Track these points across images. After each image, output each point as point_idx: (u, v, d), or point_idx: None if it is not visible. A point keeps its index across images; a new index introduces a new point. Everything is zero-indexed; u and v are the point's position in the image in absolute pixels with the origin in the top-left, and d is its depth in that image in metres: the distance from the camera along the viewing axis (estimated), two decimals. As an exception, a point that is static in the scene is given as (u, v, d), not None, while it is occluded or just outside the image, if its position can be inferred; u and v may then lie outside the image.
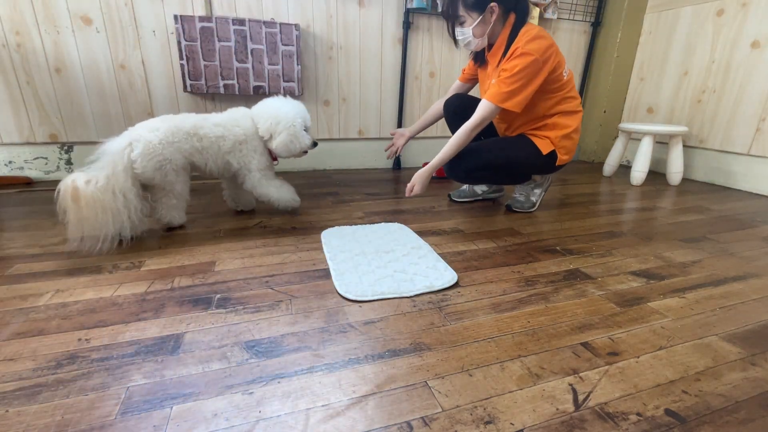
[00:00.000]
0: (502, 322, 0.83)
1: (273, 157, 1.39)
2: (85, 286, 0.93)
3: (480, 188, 1.71)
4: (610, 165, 2.24)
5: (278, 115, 1.27)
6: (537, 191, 1.59)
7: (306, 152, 1.38)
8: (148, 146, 1.12)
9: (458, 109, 1.51)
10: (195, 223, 1.35)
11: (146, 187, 1.21)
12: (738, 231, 1.41)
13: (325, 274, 1.01)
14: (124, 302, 0.86)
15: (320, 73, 2.09)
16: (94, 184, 1.03)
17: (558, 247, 1.23)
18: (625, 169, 2.46)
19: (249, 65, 1.85)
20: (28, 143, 1.79)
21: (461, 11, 1.27)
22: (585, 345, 0.76)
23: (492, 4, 1.24)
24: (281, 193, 1.38)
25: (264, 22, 1.81)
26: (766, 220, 1.54)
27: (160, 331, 0.76)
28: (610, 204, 1.72)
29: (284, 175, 2.05)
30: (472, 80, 1.58)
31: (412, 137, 1.64)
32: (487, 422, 0.58)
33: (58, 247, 1.13)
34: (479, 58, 1.45)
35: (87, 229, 1.05)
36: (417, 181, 1.32)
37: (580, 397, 0.63)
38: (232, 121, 1.28)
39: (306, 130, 1.35)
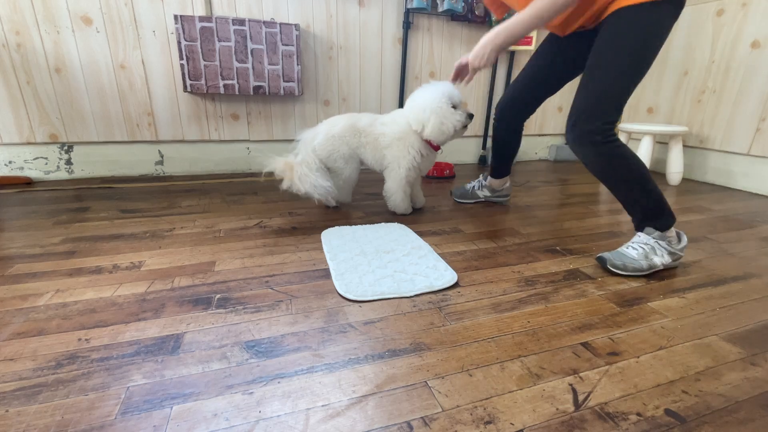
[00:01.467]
0: (502, 322, 0.83)
1: (434, 146, 1.40)
2: (85, 286, 0.93)
3: (482, 192, 1.67)
4: (610, 165, 2.23)
5: (423, 102, 1.30)
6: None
7: (466, 127, 1.36)
8: (325, 137, 1.38)
9: (510, 125, 1.44)
10: (195, 223, 1.35)
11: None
12: (738, 231, 1.41)
13: (325, 274, 1.01)
14: (124, 302, 0.86)
15: (320, 73, 2.09)
16: (297, 159, 1.41)
17: (558, 247, 1.23)
18: (625, 169, 2.46)
19: (249, 65, 1.85)
20: (28, 143, 1.79)
21: None
22: (585, 345, 0.76)
23: None
24: (403, 203, 1.46)
25: (264, 22, 1.81)
26: (766, 220, 1.54)
27: (160, 331, 0.76)
28: (610, 204, 1.72)
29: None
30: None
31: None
32: (487, 422, 0.58)
33: (58, 247, 1.13)
34: None
35: (294, 188, 1.39)
36: (483, 52, 1.10)
37: (580, 397, 0.63)
38: (393, 119, 1.40)
39: (455, 107, 1.33)
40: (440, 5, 2.08)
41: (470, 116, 1.34)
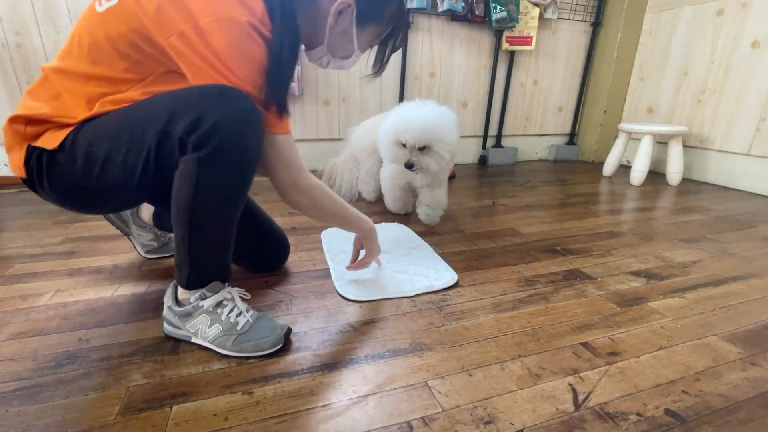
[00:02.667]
0: (502, 322, 0.83)
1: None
2: (85, 286, 0.93)
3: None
4: (610, 165, 2.24)
5: (384, 126, 1.26)
6: None
7: (412, 168, 1.20)
8: (360, 130, 1.54)
9: None
10: (195, 223, 1.34)
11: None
12: (738, 231, 1.41)
13: (325, 274, 1.01)
14: (124, 302, 0.86)
15: (320, 73, 2.09)
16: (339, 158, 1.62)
17: (558, 247, 1.23)
18: (625, 169, 2.46)
19: (249, 65, 1.84)
20: (28, 143, 1.79)
21: None
22: (585, 345, 0.76)
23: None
24: (394, 204, 1.48)
25: (264, 22, 1.81)
26: (766, 220, 1.54)
27: (160, 331, 0.76)
28: (610, 204, 1.72)
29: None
30: None
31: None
32: (487, 422, 0.58)
33: (57, 247, 1.13)
34: None
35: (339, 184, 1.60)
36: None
37: (580, 397, 0.63)
38: None
39: (404, 145, 1.19)
40: (440, 5, 2.08)
41: (408, 166, 1.19)
